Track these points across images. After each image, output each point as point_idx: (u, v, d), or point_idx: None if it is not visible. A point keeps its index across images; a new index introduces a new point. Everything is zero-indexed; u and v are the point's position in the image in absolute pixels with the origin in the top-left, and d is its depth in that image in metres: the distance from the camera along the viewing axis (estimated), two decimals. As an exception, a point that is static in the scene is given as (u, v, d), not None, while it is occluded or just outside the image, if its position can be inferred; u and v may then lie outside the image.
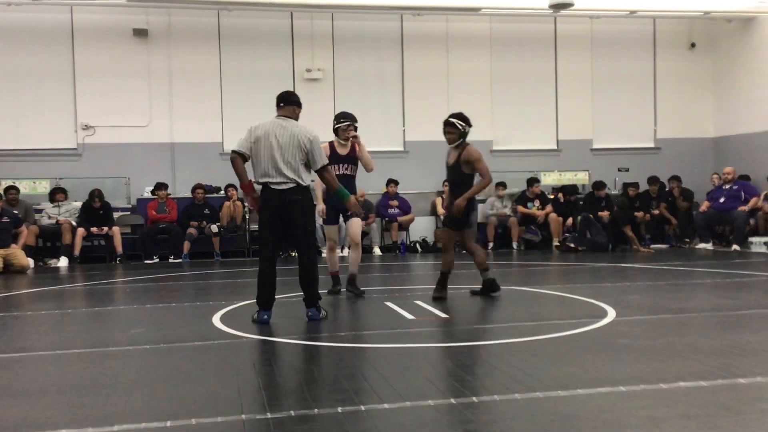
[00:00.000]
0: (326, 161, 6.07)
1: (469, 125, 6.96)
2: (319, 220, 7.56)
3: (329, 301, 7.08)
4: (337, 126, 7.63)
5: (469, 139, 6.99)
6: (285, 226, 5.93)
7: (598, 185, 13.23)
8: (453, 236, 7.08)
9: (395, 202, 13.63)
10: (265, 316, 5.94)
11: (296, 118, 6.10)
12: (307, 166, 5.94)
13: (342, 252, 12.86)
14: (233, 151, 6.01)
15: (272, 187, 5.85)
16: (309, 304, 6.04)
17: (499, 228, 13.36)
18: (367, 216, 13.02)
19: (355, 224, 7.46)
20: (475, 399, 3.63)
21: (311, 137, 5.91)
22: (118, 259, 12.15)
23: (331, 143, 7.55)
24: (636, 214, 13.10)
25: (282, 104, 6.13)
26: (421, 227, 13.80)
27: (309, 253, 6.05)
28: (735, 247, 12.21)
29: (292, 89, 13.89)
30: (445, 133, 6.97)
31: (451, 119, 6.94)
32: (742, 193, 12.77)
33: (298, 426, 3.29)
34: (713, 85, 15.51)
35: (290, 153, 5.84)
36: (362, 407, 3.52)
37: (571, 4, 13.07)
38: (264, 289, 5.94)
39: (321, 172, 6.04)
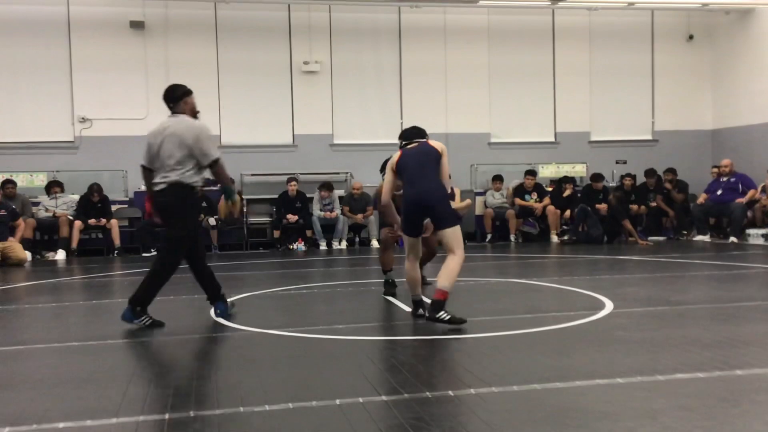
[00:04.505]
0: (216, 154, 5.62)
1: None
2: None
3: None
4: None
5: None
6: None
7: (596, 178, 13.24)
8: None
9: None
10: (218, 310, 5.89)
11: (189, 112, 5.70)
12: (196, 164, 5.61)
13: (340, 245, 12.86)
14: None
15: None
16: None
17: (497, 220, 13.37)
18: (365, 209, 13.04)
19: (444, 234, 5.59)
20: (472, 391, 3.63)
21: (197, 131, 5.57)
22: (116, 252, 12.13)
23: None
24: (631, 206, 13.12)
25: (170, 105, 5.72)
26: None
27: (160, 257, 5.86)
28: (732, 239, 12.23)
29: (291, 83, 14.05)
30: None
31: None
32: (740, 185, 12.78)
33: (298, 418, 3.29)
34: (711, 78, 15.49)
35: (169, 152, 5.53)
36: (360, 399, 3.53)
37: (569, -4, 13.04)
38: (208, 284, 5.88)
39: (212, 167, 5.67)
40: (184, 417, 3.32)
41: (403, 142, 5.88)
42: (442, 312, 5.25)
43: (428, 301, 5.65)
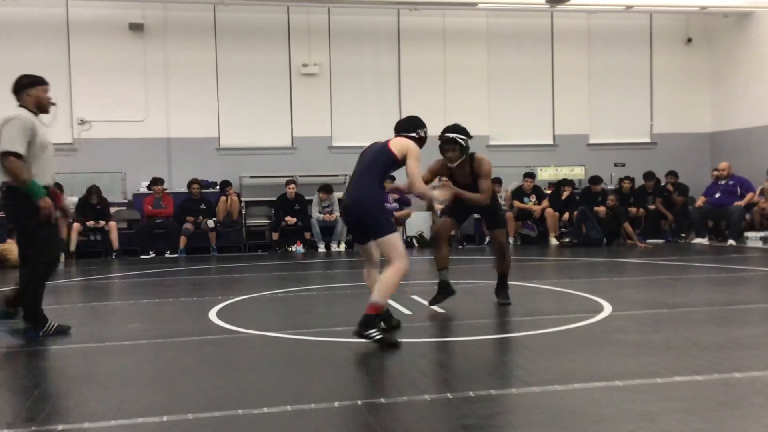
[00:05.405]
0: (8, 147, 5.25)
1: (470, 137, 6.09)
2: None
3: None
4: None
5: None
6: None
7: (595, 180, 13.25)
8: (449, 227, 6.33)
9: (395, 195, 13.58)
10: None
11: (28, 104, 5.67)
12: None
13: (338, 247, 12.87)
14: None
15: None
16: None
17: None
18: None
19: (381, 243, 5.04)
20: (471, 393, 3.63)
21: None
22: (115, 254, 12.12)
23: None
24: (630, 209, 13.13)
25: (15, 96, 5.59)
26: (417, 222, 13.78)
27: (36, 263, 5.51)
28: (731, 242, 12.24)
29: (290, 85, 14.08)
30: (445, 151, 5.91)
31: (452, 135, 5.93)
32: (738, 188, 12.79)
33: (296, 420, 3.29)
34: (710, 80, 15.52)
35: None
36: (359, 402, 3.53)
37: (567, -1, 13.06)
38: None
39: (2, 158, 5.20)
40: (183, 419, 3.32)
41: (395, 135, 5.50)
42: (372, 330, 4.66)
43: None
